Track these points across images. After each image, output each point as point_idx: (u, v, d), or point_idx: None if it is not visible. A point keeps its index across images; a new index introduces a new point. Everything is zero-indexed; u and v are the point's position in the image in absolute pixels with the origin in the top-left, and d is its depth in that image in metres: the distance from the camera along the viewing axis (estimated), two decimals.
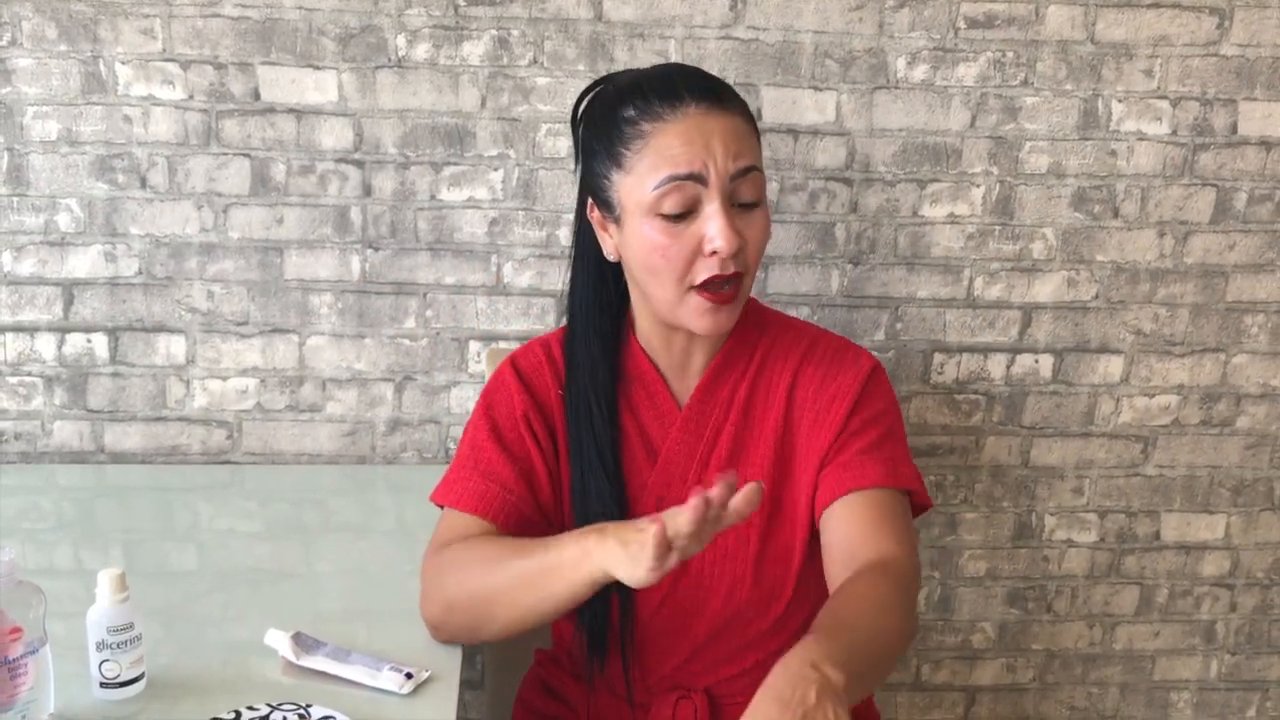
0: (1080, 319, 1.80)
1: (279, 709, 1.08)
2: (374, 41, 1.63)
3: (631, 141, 1.20)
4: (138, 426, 1.73)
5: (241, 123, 1.65)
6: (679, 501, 1.27)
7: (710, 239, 1.18)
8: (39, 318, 1.69)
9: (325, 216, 1.68)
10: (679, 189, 1.18)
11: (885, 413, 1.29)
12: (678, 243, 1.19)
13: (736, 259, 1.20)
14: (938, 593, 1.91)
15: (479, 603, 1.18)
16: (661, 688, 1.32)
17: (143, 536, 1.51)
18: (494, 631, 1.21)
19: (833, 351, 1.32)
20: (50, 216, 1.66)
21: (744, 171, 1.20)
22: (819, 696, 0.93)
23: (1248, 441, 1.88)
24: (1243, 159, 1.76)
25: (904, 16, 1.67)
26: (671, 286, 1.21)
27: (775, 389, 1.30)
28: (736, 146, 1.20)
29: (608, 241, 1.27)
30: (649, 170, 1.19)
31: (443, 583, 1.21)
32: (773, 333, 1.33)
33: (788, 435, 1.29)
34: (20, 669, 1.03)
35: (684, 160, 1.18)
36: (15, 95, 1.62)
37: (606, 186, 1.23)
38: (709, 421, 1.30)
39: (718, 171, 1.18)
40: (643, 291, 1.26)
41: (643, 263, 1.22)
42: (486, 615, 1.19)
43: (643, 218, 1.20)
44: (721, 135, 1.19)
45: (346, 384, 1.74)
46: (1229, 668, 1.99)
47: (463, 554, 1.21)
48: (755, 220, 1.22)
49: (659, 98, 1.20)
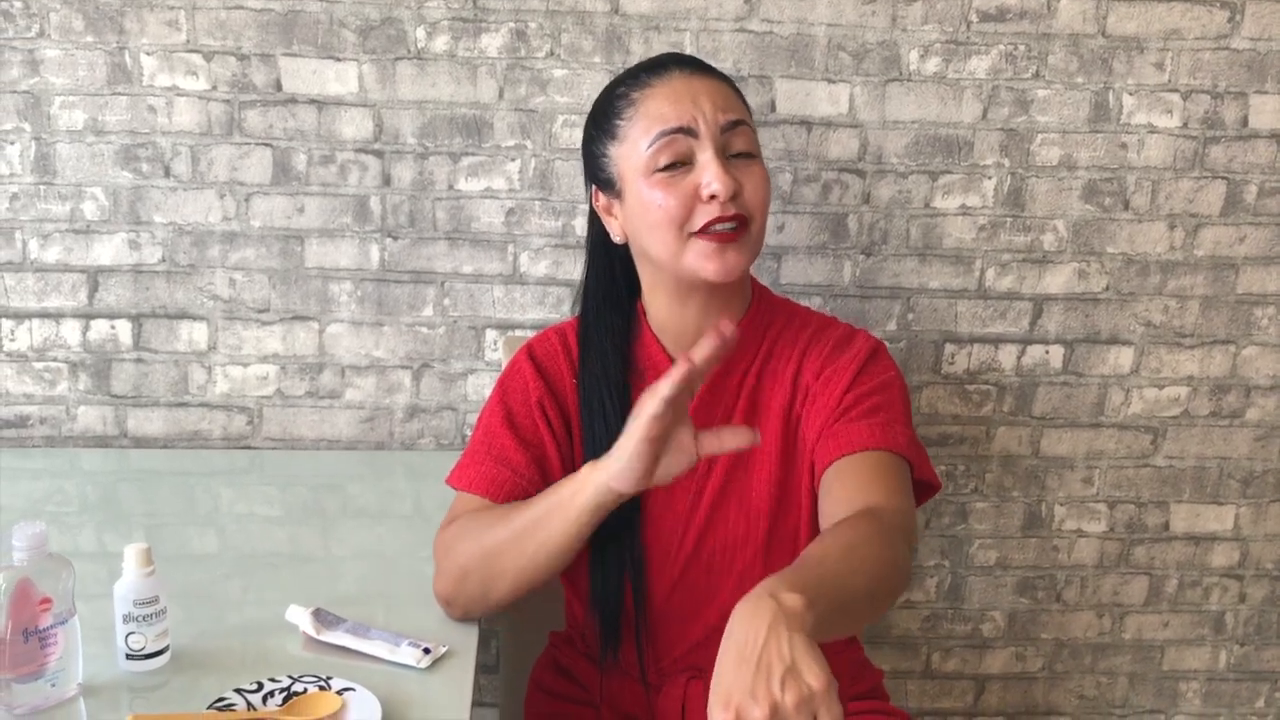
0: (1091, 310, 1.82)
1: (300, 680, 1.11)
2: (394, 33, 1.66)
3: (623, 111, 1.26)
4: (160, 412, 1.76)
5: (263, 113, 1.67)
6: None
7: (705, 184, 1.21)
8: (64, 304, 1.72)
9: (345, 206, 1.71)
10: (671, 143, 1.22)
11: (884, 386, 1.29)
12: (675, 191, 1.22)
13: (736, 202, 1.22)
14: (948, 581, 1.92)
15: (488, 560, 1.21)
16: (674, 669, 1.34)
17: (165, 520, 1.53)
18: (504, 589, 1.22)
19: (836, 336, 1.34)
20: (76, 205, 1.69)
21: (733, 125, 1.24)
22: (771, 627, 0.88)
23: (1257, 433, 1.89)
24: (1253, 152, 1.77)
25: (917, 10, 1.69)
26: (673, 237, 1.23)
27: (781, 376, 1.32)
28: (724, 102, 1.25)
29: (613, 224, 1.30)
30: (641, 133, 1.24)
31: (452, 552, 1.24)
32: (780, 322, 1.35)
33: (793, 420, 1.31)
34: (50, 639, 1.05)
35: (673, 116, 1.23)
36: (43, 85, 1.65)
37: (606, 165, 1.28)
38: (719, 410, 1.32)
39: (707, 123, 1.23)
40: (649, 257, 1.28)
41: (644, 220, 1.25)
42: (496, 572, 1.21)
43: (641, 181, 1.24)
44: (708, 93, 1.25)
45: (365, 371, 1.77)
46: (1238, 658, 2.00)
47: (469, 522, 1.25)
48: (752, 170, 1.26)
49: (646, 70, 1.28)
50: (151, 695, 1.10)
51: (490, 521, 1.22)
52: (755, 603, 0.90)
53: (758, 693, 0.85)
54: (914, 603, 1.93)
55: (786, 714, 0.84)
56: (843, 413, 1.26)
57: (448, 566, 1.25)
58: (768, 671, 0.85)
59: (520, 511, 1.21)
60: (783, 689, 0.85)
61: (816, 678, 0.85)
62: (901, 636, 1.94)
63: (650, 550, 1.31)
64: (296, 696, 1.08)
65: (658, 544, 1.31)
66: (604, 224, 1.32)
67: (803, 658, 0.86)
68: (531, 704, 1.46)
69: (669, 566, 1.31)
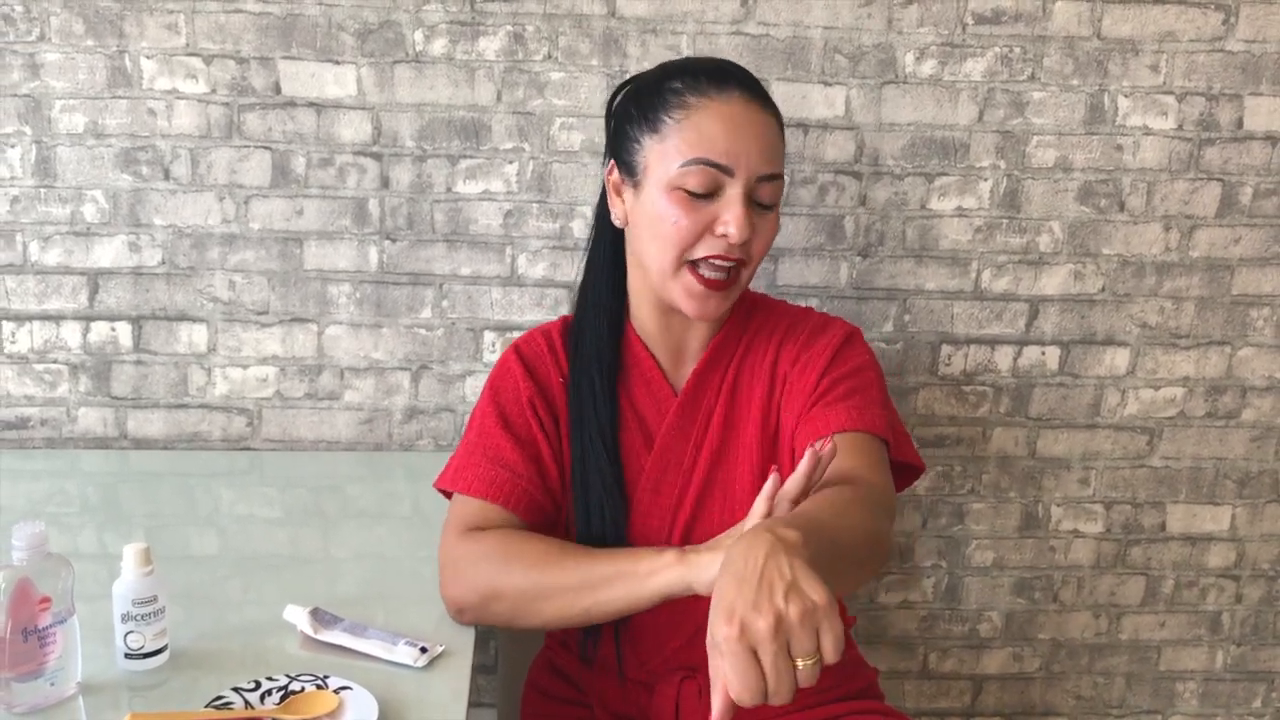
0: (1087, 311, 1.82)
1: (297, 679, 1.11)
2: (392, 37, 1.67)
3: (674, 110, 1.23)
4: (160, 413, 1.77)
5: (263, 116, 1.68)
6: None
7: (724, 222, 1.21)
8: (65, 306, 1.73)
9: (344, 208, 1.72)
10: (706, 173, 1.21)
11: (859, 369, 1.30)
12: (691, 216, 1.22)
13: (742, 248, 1.23)
14: (945, 582, 1.93)
15: (530, 599, 1.19)
16: (665, 669, 1.34)
17: (164, 521, 1.53)
18: (536, 623, 1.21)
19: (812, 325, 1.35)
20: (76, 207, 1.70)
21: (770, 177, 1.23)
22: (770, 553, 0.87)
23: (1253, 434, 1.90)
24: (1248, 154, 1.78)
25: (913, 12, 1.70)
26: (671, 257, 1.24)
27: (759, 368, 1.34)
28: (770, 151, 1.24)
29: (619, 206, 1.30)
30: (684, 144, 1.22)
31: (481, 571, 1.22)
32: (759, 317, 1.37)
33: (772, 411, 1.32)
34: (49, 638, 1.06)
35: (721, 149, 1.21)
36: (44, 89, 1.66)
37: (635, 150, 1.26)
38: (702, 407, 1.33)
39: (748, 169, 1.21)
40: (641, 261, 1.29)
41: (650, 227, 1.24)
42: (533, 611, 1.20)
43: (663, 188, 1.23)
44: (759, 134, 1.23)
45: (364, 372, 1.77)
46: (1234, 659, 2.01)
47: (507, 546, 1.22)
48: (767, 221, 1.26)
49: (708, 78, 1.24)
50: (150, 694, 1.11)
51: (539, 557, 1.20)
52: (752, 535, 0.90)
53: (761, 605, 0.83)
54: (911, 603, 1.93)
55: (790, 625, 0.83)
56: (819, 397, 1.27)
57: (472, 581, 1.22)
58: (770, 587, 0.84)
59: (581, 562, 1.18)
60: (786, 602, 0.83)
61: (819, 593, 0.84)
62: (899, 637, 1.95)
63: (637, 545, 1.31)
64: (294, 695, 1.09)
65: (645, 539, 1.31)
66: (609, 200, 1.32)
67: (804, 575, 0.85)
68: (527, 704, 1.47)
69: None
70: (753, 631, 0.83)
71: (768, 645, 0.82)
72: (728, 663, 0.83)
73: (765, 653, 0.82)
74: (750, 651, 0.83)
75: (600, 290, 1.35)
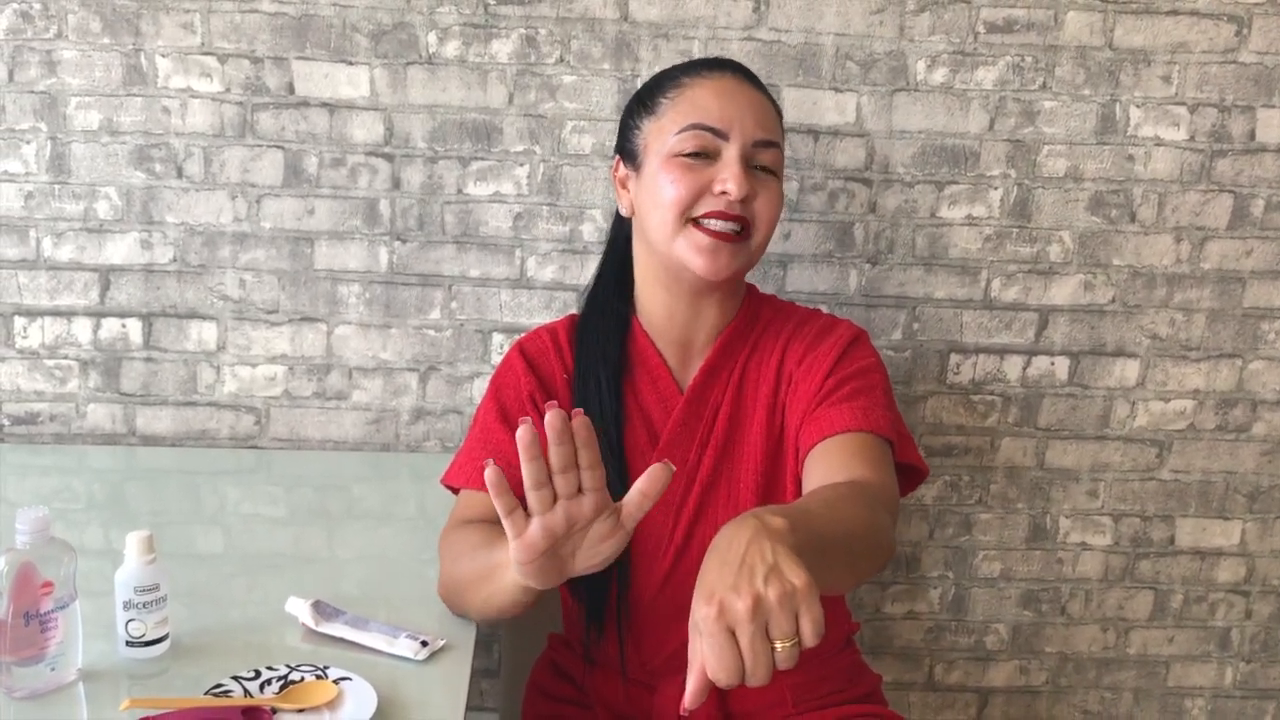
0: (1096, 322, 1.82)
1: (297, 669, 1.11)
2: (405, 38, 1.68)
3: (669, 91, 1.30)
4: (169, 410, 1.78)
5: (276, 115, 1.69)
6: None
7: (722, 180, 1.24)
8: (76, 302, 1.74)
9: (355, 208, 1.72)
10: (700, 136, 1.26)
11: (865, 371, 1.30)
12: (689, 177, 1.25)
13: (744, 206, 1.25)
14: (952, 593, 1.92)
15: (459, 589, 1.23)
16: (667, 668, 1.34)
17: (171, 518, 1.54)
18: (475, 617, 1.24)
19: (819, 325, 1.36)
20: (90, 204, 1.71)
21: (766, 143, 1.27)
22: (753, 539, 0.87)
23: (1264, 448, 1.89)
24: (1260, 166, 1.77)
25: (924, 20, 1.70)
26: (672, 218, 1.26)
27: (765, 367, 1.34)
28: (763, 120, 1.28)
29: (624, 197, 1.34)
30: (678, 116, 1.27)
31: (444, 562, 1.27)
32: (766, 316, 1.38)
33: (778, 410, 1.33)
34: (50, 623, 1.06)
35: (714, 114, 1.26)
36: (60, 86, 1.67)
37: (635, 136, 1.32)
38: (708, 405, 1.34)
39: (742, 134, 1.25)
40: (647, 236, 1.30)
41: (652, 197, 1.27)
42: (464, 602, 1.23)
43: (662, 160, 1.27)
44: (752, 106, 1.28)
45: (372, 373, 1.78)
46: (1244, 675, 1.99)
47: (456, 536, 1.26)
48: (768, 184, 1.28)
49: (703, 65, 1.32)
50: (150, 682, 1.11)
51: (469, 546, 1.22)
52: (738, 521, 0.90)
53: (740, 587, 0.83)
54: (917, 614, 1.92)
55: (769, 606, 0.83)
56: (824, 397, 1.27)
57: (441, 574, 1.27)
58: (750, 569, 0.84)
59: (480, 554, 1.18)
60: (765, 584, 0.83)
61: (799, 576, 0.84)
62: (904, 648, 1.94)
63: (639, 545, 1.31)
64: (293, 685, 1.09)
65: (648, 538, 1.31)
66: (617, 195, 1.35)
67: (785, 559, 0.85)
68: (530, 705, 1.47)
69: (659, 560, 1.32)
70: (731, 612, 0.83)
71: (745, 626, 0.82)
72: (706, 642, 0.83)
73: (743, 633, 0.82)
74: (728, 632, 0.83)
75: (608, 289, 1.36)
